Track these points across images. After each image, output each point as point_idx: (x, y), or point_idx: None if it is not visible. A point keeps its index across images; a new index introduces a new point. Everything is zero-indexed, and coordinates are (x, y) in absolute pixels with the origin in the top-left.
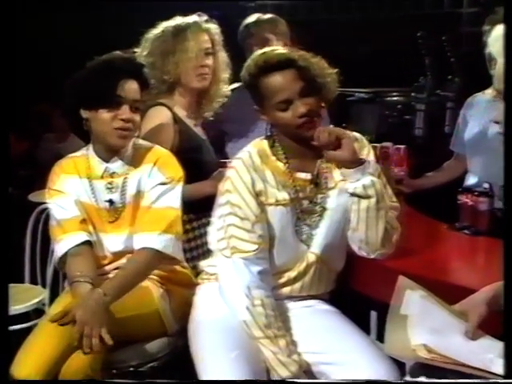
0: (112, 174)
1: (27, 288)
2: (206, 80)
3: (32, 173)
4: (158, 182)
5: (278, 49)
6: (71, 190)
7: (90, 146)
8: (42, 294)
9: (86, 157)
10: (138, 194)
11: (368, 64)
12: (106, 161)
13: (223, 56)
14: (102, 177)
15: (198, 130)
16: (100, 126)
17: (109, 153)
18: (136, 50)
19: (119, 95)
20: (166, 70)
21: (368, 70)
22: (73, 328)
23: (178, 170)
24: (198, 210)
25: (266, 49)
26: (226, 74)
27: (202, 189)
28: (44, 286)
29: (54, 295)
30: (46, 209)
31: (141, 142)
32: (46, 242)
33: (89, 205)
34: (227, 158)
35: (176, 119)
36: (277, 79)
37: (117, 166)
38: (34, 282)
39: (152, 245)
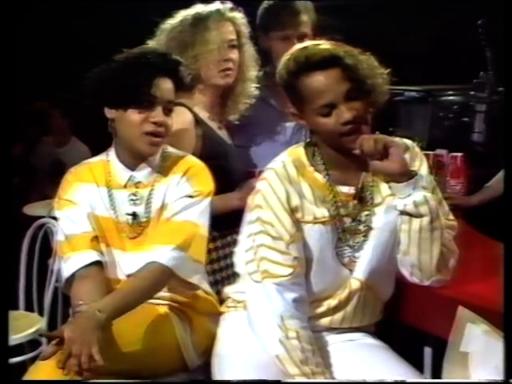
0: (137, 184)
1: (22, 315)
2: (230, 77)
3: (27, 181)
4: (184, 195)
5: (322, 44)
6: (85, 200)
7: (112, 151)
8: (39, 322)
9: (106, 163)
10: (163, 207)
11: (419, 56)
12: (132, 168)
13: (250, 50)
14: (125, 186)
15: (223, 134)
16: (128, 128)
17: (135, 160)
18: (150, 42)
19: (153, 95)
20: (184, 64)
21: (419, 63)
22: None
23: (208, 184)
24: (222, 226)
25: (308, 43)
26: (253, 71)
27: (228, 202)
28: (41, 313)
29: (52, 324)
30: (44, 224)
31: (170, 149)
32: (44, 262)
33: (106, 218)
34: (255, 167)
35: (197, 121)
36: (319, 79)
37: (143, 174)
38: (29, 308)
39: (161, 259)
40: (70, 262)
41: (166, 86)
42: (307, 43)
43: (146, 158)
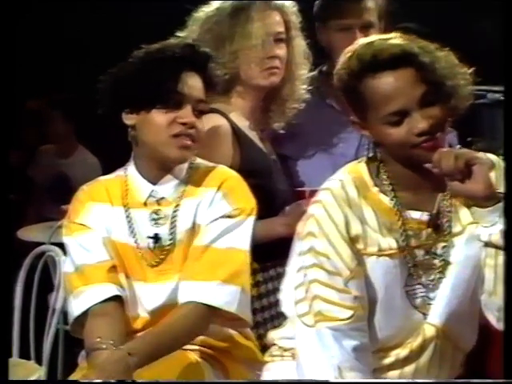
0: (159, 201)
1: (16, 364)
2: (276, 76)
3: (22, 199)
4: (222, 214)
5: (391, 38)
6: (100, 223)
7: (130, 165)
8: (37, 372)
9: (123, 179)
10: (194, 229)
11: (501, 50)
12: (153, 182)
13: (301, 44)
14: (145, 204)
15: (266, 146)
16: (153, 132)
17: (159, 171)
18: (180, 34)
19: (180, 91)
20: (221, 62)
21: (502, 58)
22: None
23: (249, 199)
24: (264, 257)
25: (374, 38)
26: (303, 70)
27: (271, 229)
28: (39, 361)
29: (52, 375)
30: (43, 253)
31: (199, 160)
32: (43, 298)
33: (123, 244)
34: (306, 186)
35: (235, 131)
36: (388, 81)
37: (167, 189)
38: (24, 355)
39: (207, 299)
40: (82, 298)
41: (194, 82)
42: (373, 38)
43: (171, 169)
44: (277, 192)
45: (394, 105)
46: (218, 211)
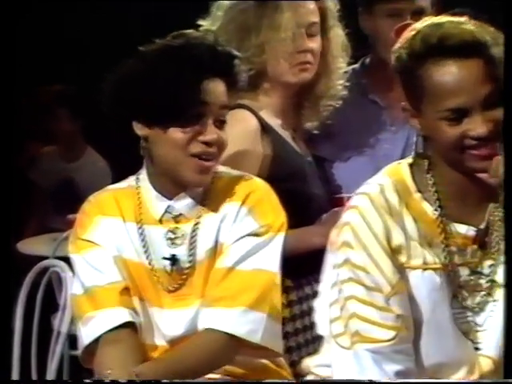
0: (177, 218)
1: None
2: (308, 72)
3: (23, 207)
4: (247, 232)
5: (463, 22)
6: (110, 240)
7: (143, 174)
8: None
9: (135, 190)
10: (216, 249)
11: None
12: (169, 197)
13: (339, 35)
14: (160, 221)
15: (299, 147)
16: (168, 150)
17: (175, 186)
18: (203, 22)
19: (202, 104)
20: (246, 55)
21: None
22: None
23: (277, 214)
24: (298, 273)
25: (445, 18)
26: (341, 63)
27: (306, 240)
28: None
29: None
30: (47, 268)
31: (222, 168)
32: (47, 319)
33: (136, 264)
34: (344, 191)
35: (265, 130)
36: (453, 71)
37: (185, 204)
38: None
39: (228, 327)
40: (92, 324)
41: (217, 89)
42: (443, 18)
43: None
44: (312, 198)
45: (455, 101)
46: (242, 229)
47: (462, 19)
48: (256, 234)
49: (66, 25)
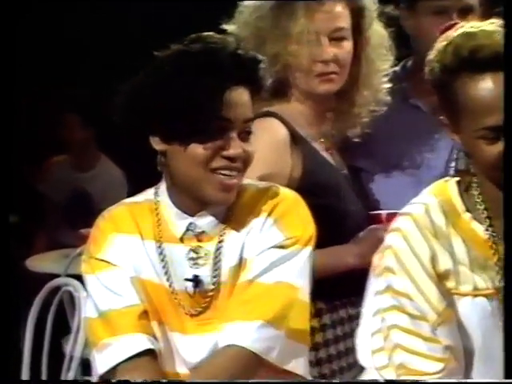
0: (199, 236)
1: None
2: (332, 83)
3: (32, 220)
4: (272, 244)
5: (496, 31)
6: (127, 259)
7: (162, 188)
8: None
9: (153, 205)
10: (240, 266)
11: None
12: (191, 214)
13: (379, 35)
14: (181, 239)
15: (334, 159)
16: (189, 168)
17: (196, 202)
18: (226, 27)
19: (225, 117)
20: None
21: None
22: None
23: (306, 226)
24: (331, 294)
25: (477, 25)
26: (382, 65)
27: (340, 259)
28: None
29: None
30: (59, 287)
31: (248, 180)
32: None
33: (155, 286)
34: (383, 208)
35: (295, 140)
36: (488, 87)
37: (208, 221)
38: None
39: (245, 341)
40: (108, 352)
41: (241, 99)
42: (475, 26)
43: None
44: (347, 214)
45: (493, 119)
46: (267, 241)
47: (496, 26)
48: (281, 247)
49: (72, 26)
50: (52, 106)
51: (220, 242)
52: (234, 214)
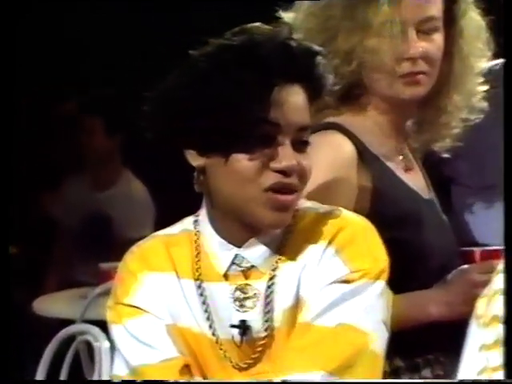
0: (247, 271)
1: None
2: (421, 85)
3: (41, 253)
4: (334, 279)
5: None
6: (161, 304)
7: (203, 215)
8: None
9: (193, 236)
10: (297, 306)
11: None
12: (237, 243)
13: (475, 25)
14: (226, 276)
15: (415, 181)
16: (233, 184)
17: (243, 229)
18: (284, 14)
19: (274, 121)
20: (333, 63)
21: None
22: None
23: (376, 257)
24: (412, 350)
25: None
26: (478, 62)
27: (423, 307)
28: None
29: None
30: (74, 336)
31: (307, 203)
32: None
33: (196, 335)
34: (476, 243)
35: (364, 157)
36: None
37: (258, 253)
38: None
39: None
40: None
41: (294, 100)
42: None
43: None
44: (430, 250)
45: None
46: (327, 274)
47: None
48: (345, 281)
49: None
50: (67, 110)
51: (272, 278)
52: (288, 244)
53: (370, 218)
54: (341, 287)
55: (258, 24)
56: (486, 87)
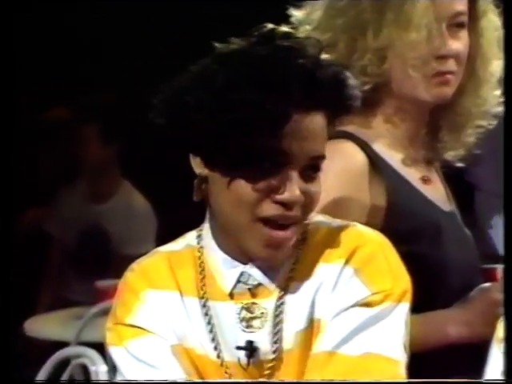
0: (254, 289)
1: None
2: (449, 85)
3: (33, 270)
4: (355, 302)
5: None
6: (165, 323)
7: (206, 229)
8: None
9: (196, 252)
10: (311, 329)
11: None
12: (243, 260)
13: (494, 26)
14: (231, 295)
15: (432, 192)
16: (231, 208)
17: None
18: (295, 12)
19: (283, 149)
20: (361, 63)
21: None
22: None
23: (399, 276)
24: (430, 373)
25: None
26: (496, 67)
27: (441, 327)
28: None
29: None
30: (69, 359)
31: (319, 217)
32: None
33: (200, 357)
34: (499, 258)
35: (379, 168)
36: None
37: (265, 270)
38: None
39: None
40: None
41: (313, 130)
42: None
43: None
44: (449, 267)
45: None
46: (347, 297)
47: None
48: (366, 304)
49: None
50: (59, 115)
51: (281, 297)
52: (300, 261)
53: (384, 232)
54: (363, 311)
55: (286, 30)
56: (499, 91)
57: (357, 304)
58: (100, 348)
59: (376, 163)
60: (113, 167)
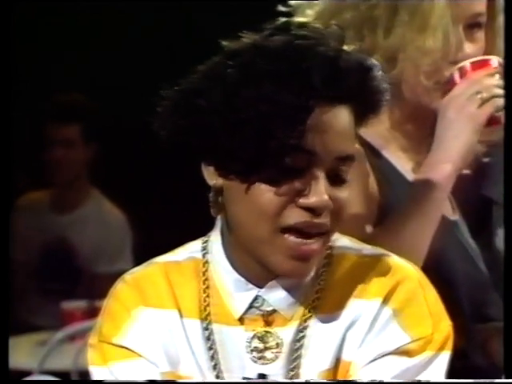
0: (269, 316)
1: None
2: None
3: None
4: (393, 349)
5: None
6: (158, 347)
7: (216, 241)
8: None
9: (200, 266)
10: (337, 370)
11: None
12: (258, 282)
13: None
14: (241, 320)
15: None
16: (251, 219)
17: (265, 269)
18: (308, 11)
19: (306, 148)
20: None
21: None
22: None
23: (438, 319)
24: None
25: None
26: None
27: None
28: None
29: None
30: None
31: (344, 240)
32: None
33: None
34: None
35: (387, 177)
36: None
37: (283, 296)
38: None
39: None
40: None
41: (338, 125)
42: None
43: None
44: (459, 286)
45: None
46: (384, 342)
47: None
48: (405, 353)
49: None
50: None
51: (302, 329)
52: (325, 290)
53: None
54: (401, 361)
55: (302, 20)
56: None
57: (395, 352)
58: (66, 377)
59: (384, 173)
60: (81, 175)
